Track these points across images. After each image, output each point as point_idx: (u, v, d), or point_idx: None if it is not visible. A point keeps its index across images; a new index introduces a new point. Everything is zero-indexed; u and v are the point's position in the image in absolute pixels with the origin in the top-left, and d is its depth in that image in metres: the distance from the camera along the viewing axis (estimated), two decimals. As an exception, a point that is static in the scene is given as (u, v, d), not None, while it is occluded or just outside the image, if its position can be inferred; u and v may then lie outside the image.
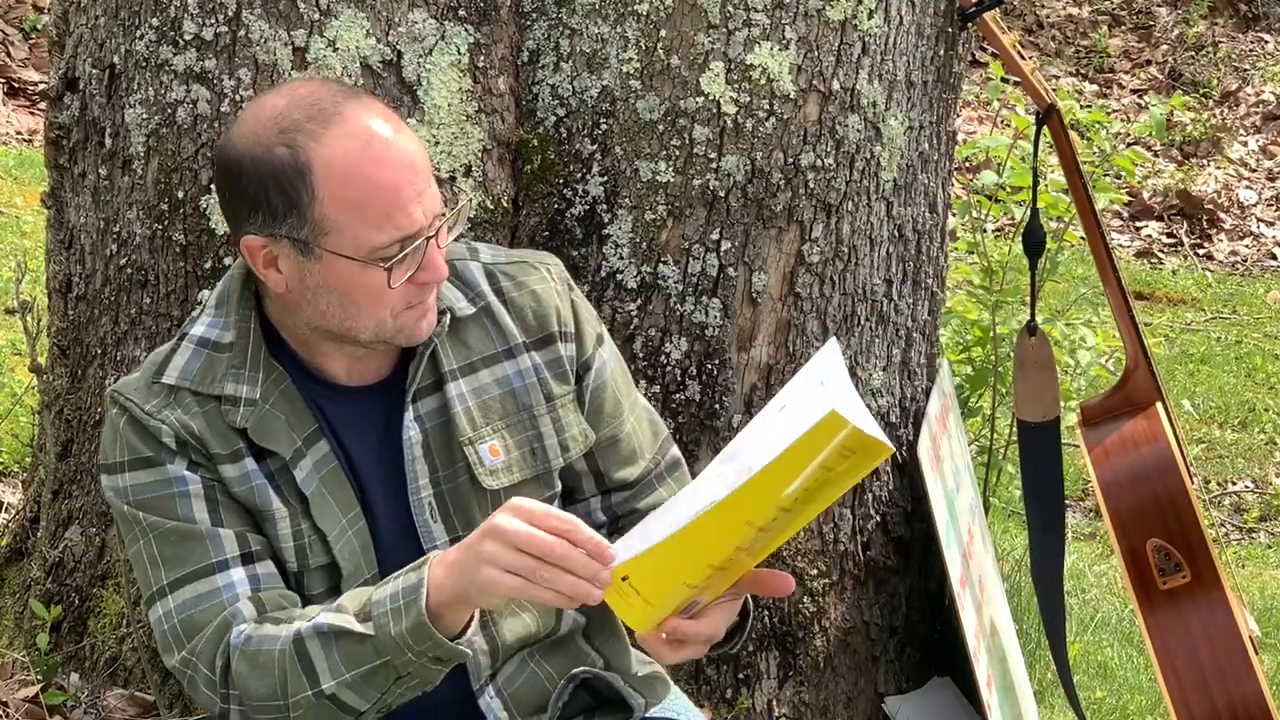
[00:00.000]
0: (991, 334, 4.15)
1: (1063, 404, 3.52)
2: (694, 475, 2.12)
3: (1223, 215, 8.44)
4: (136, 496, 2.19)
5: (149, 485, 2.19)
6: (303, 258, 2.13)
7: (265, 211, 2.12)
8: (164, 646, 2.18)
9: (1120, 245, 7.98)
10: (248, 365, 2.21)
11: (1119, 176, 4.25)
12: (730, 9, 2.92)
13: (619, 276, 2.98)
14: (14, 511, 3.67)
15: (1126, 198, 7.32)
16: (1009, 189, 4.39)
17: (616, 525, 2.33)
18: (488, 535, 2.01)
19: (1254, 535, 5.44)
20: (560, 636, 2.32)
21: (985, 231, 4.29)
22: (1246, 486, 5.75)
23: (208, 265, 2.93)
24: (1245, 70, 9.94)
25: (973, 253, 4.36)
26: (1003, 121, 4.50)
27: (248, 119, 2.15)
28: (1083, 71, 9.83)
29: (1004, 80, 4.37)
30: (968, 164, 7.02)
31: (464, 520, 2.25)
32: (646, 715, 2.34)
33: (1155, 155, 8.95)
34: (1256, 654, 3.17)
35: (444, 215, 2.16)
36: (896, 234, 3.16)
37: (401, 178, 2.11)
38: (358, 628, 2.08)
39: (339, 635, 2.09)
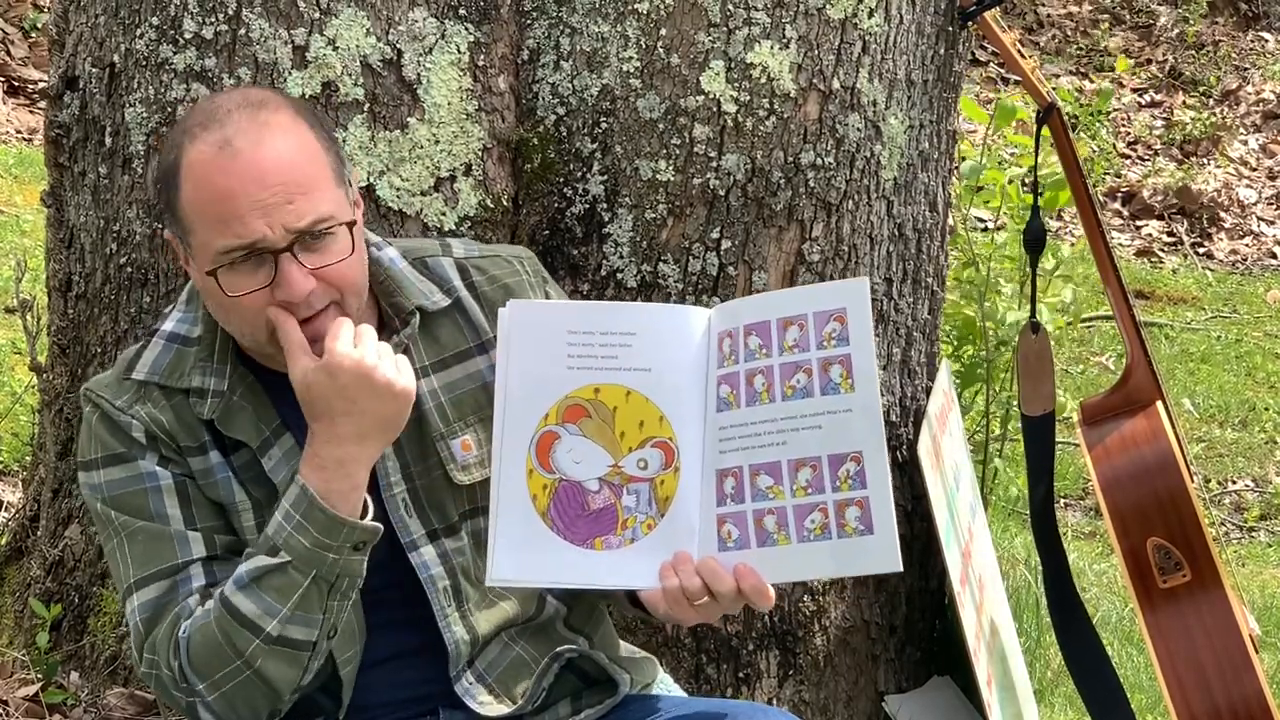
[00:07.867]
0: (980, 325, 4.14)
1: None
2: None
3: (1223, 214, 8.43)
4: (111, 493, 2.22)
5: (122, 481, 2.22)
6: (190, 255, 2.19)
7: (164, 204, 2.21)
8: (135, 646, 2.21)
9: (1120, 244, 7.98)
10: (215, 358, 2.24)
11: (1107, 174, 4.24)
12: (730, 8, 2.91)
13: (619, 275, 2.98)
14: (14, 510, 3.67)
15: (1111, 174, 7.29)
16: (1001, 187, 4.38)
17: None
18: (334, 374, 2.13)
19: (1254, 534, 5.44)
20: (541, 622, 2.33)
21: (968, 220, 4.29)
22: (1247, 485, 5.75)
23: (208, 264, 2.93)
24: (1245, 69, 9.94)
25: (959, 231, 4.35)
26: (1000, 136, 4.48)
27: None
28: (1083, 70, 9.83)
29: (1003, 79, 4.36)
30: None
31: (439, 514, 2.27)
32: (631, 693, 2.35)
33: (1155, 153, 8.95)
34: (1257, 653, 3.17)
35: (314, 235, 2.15)
36: (897, 233, 3.16)
37: (239, 186, 2.12)
38: (272, 561, 2.13)
39: (259, 576, 2.14)
